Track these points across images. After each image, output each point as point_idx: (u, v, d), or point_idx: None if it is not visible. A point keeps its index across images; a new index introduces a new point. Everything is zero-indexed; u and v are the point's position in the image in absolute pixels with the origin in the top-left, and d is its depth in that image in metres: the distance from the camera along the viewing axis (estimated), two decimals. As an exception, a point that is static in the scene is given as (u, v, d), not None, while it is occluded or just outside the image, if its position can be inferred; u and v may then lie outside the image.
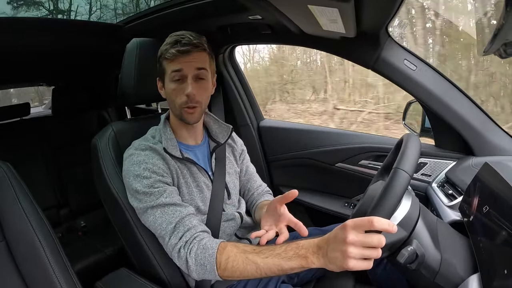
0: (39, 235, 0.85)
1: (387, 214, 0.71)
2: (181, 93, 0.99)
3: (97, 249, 1.92)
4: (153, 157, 0.97)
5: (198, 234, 0.87)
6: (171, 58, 0.97)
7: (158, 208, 0.91)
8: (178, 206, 0.92)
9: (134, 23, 1.50)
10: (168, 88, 1.00)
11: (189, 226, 0.88)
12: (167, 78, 1.00)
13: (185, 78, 0.98)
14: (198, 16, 1.29)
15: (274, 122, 1.93)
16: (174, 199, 0.93)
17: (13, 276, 0.82)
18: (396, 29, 4.22)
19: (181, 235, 0.87)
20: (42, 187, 2.15)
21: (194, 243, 0.85)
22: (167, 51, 0.97)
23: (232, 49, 1.77)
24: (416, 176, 1.31)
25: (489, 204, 0.73)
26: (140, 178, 0.94)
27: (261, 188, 1.28)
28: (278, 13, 1.01)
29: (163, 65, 1.00)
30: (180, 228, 0.88)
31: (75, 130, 2.38)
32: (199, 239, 0.86)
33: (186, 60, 0.97)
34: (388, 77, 1.22)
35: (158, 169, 0.95)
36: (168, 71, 0.99)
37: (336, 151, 1.57)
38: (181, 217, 0.89)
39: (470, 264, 0.74)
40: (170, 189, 0.94)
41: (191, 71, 0.98)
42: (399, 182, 0.72)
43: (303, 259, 0.73)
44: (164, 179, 0.95)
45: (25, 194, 0.89)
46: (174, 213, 0.90)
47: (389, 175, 0.75)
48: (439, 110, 1.17)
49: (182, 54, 0.96)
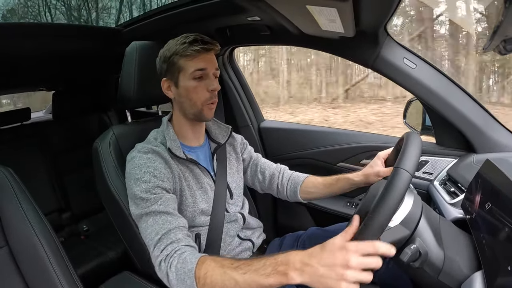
0: (42, 239, 0.85)
1: (389, 214, 0.71)
2: (203, 90, 1.01)
3: (100, 252, 1.91)
4: (155, 161, 0.97)
5: (180, 248, 0.84)
6: (193, 55, 0.98)
7: (151, 215, 0.89)
8: (170, 215, 0.90)
9: (133, 27, 1.50)
10: (188, 85, 1.00)
11: (173, 240, 0.85)
12: (186, 76, 1.00)
13: (206, 75, 1.01)
14: (197, 19, 1.29)
15: (274, 122, 1.93)
16: (168, 207, 0.91)
17: (16, 281, 0.82)
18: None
19: (163, 248, 0.84)
20: (43, 191, 2.15)
21: (175, 257, 0.82)
22: (187, 49, 0.97)
23: (232, 50, 1.77)
24: (417, 174, 1.31)
25: (492, 201, 0.73)
26: (139, 182, 0.93)
27: (283, 167, 1.28)
28: (276, 14, 1.01)
29: (179, 63, 1.00)
30: (163, 241, 0.85)
31: (76, 134, 2.38)
32: (180, 252, 0.83)
33: (208, 58, 1.00)
34: (388, 76, 1.22)
35: (159, 173, 0.95)
36: (189, 69, 0.99)
37: (337, 151, 1.56)
38: (169, 229, 0.87)
39: (474, 261, 0.74)
40: (167, 196, 0.93)
41: (213, 69, 1.02)
42: (400, 181, 0.72)
43: (283, 276, 0.67)
44: (164, 185, 0.95)
45: (27, 198, 0.89)
46: (163, 224, 0.87)
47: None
48: (440, 107, 1.17)
49: (206, 52, 0.99)
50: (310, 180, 1.21)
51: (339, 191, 1.15)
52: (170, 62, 1.01)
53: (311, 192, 1.19)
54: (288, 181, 1.23)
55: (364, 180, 1.07)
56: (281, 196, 1.26)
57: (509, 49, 0.51)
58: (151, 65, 1.08)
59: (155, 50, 1.07)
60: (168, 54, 1.01)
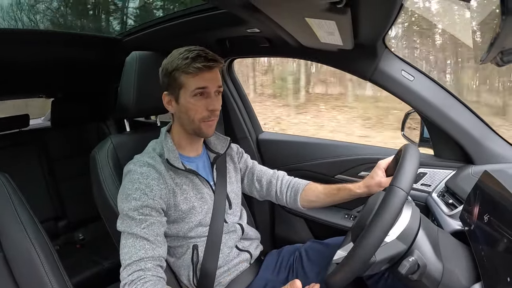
0: (37, 247, 0.84)
1: (383, 231, 0.71)
2: (202, 108, 0.99)
3: (95, 261, 1.89)
4: (148, 176, 0.96)
5: (145, 277, 0.85)
6: (194, 72, 0.96)
7: (132, 237, 0.89)
8: (149, 243, 0.89)
9: (133, 36, 1.52)
10: (187, 102, 0.99)
11: (142, 268, 0.86)
12: (187, 93, 0.99)
13: (207, 94, 0.99)
14: (196, 30, 1.31)
15: (273, 134, 1.93)
16: (150, 234, 0.90)
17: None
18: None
19: (131, 272, 0.85)
20: (40, 198, 2.14)
21: (138, 285, 0.83)
22: (189, 65, 0.96)
23: (231, 62, 1.78)
24: (415, 186, 1.30)
25: (490, 212, 0.73)
26: (129, 198, 0.93)
27: (281, 173, 1.28)
28: (276, 26, 1.02)
29: (180, 79, 0.98)
30: (133, 266, 0.86)
31: (74, 142, 2.38)
32: (143, 281, 0.84)
33: (210, 76, 0.99)
34: (386, 88, 1.22)
35: (150, 191, 0.94)
36: (190, 86, 0.98)
37: (335, 163, 1.56)
38: (142, 257, 0.87)
39: (473, 273, 0.74)
40: (152, 220, 0.92)
41: (215, 86, 1.00)
42: (396, 200, 0.73)
43: None
44: (153, 204, 0.94)
45: (23, 205, 0.89)
46: (139, 250, 0.88)
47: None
48: (437, 119, 1.18)
49: (207, 69, 0.97)
50: (310, 188, 1.20)
51: (340, 201, 1.15)
52: (171, 77, 1.00)
53: (311, 200, 1.19)
54: (288, 188, 1.23)
55: (367, 191, 1.07)
56: (281, 202, 1.26)
57: (506, 60, 0.52)
58: (151, 75, 1.09)
59: (155, 60, 1.08)
60: (170, 68, 0.99)
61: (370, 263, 0.73)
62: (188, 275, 1.05)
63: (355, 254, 0.72)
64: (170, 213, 1.00)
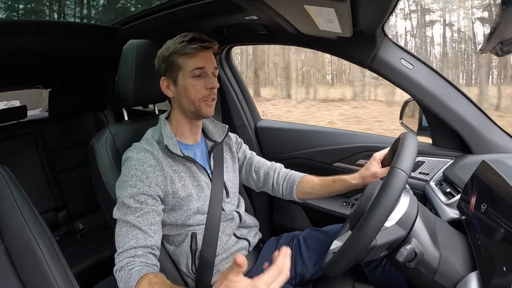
0: (38, 238, 0.85)
1: (385, 214, 0.71)
2: (201, 88, 1.01)
3: (96, 251, 1.91)
4: (145, 163, 0.97)
5: (134, 263, 0.86)
6: (192, 53, 0.99)
7: (126, 225, 0.91)
8: (142, 233, 0.91)
9: (130, 25, 1.50)
10: (186, 84, 1.01)
11: (132, 255, 0.88)
12: (185, 74, 1.01)
13: (205, 74, 1.01)
14: (194, 17, 1.29)
15: (271, 122, 1.93)
16: (144, 223, 0.91)
17: (12, 280, 0.82)
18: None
19: (122, 259, 0.88)
20: (39, 190, 2.14)
21: (126, 271, 0.85)
22: (186, 47, 0.98)
23: (229, 50, 1.77)
24: (413, 174, 1.31)
25: (487, 201, 0.74)
26: (126, 185, 0.94)
27: (278, 165, 1.29)
28: (274, 13, 1.01)
29: (178, 62, 1.00)
30: (124, 254, 0.88)
31: (72, 132, 2.37)
32: (131, 267, 0.85)
33: (207, 56, 1.01)
34: (384, 76, 1.22)
35: (146, 178, 0.95)
36: (189, 67, 1.00)
37: (334, 150, 1.57)
38: (133, 246, 0.89)
39: (469, 262, 0.75)
40: (147, 209, 0.93)
41: (211, 67, 1.03)
42: (397, 181, 0.73)
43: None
44: (149, 191, 0.95)
45: (23, 197, 0.89)
46: (132, 239, 0.89)
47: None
48: (436, 108, 1.18)
49: (204, 50, 1.00)
50: (306, 180, 1.21)
51: (336, 192, 1.16)
52: (169, 61, 1.01)
53: (307, 192, 1.20)
54: (284, 180, 1.24)
55: (362, 182, 1.08)
56: (277, 194, 1.27)
57: (506, 50, 0.52)
58: (148, 64, 1.08)
59: (153, 48, 1.07)
60: (166, 53, 1.01)
61: (371, 246, 0.74)
62: (187, 263, 1.06)
63: (357, 236, 0.72)
64: (167, 201, 1.01)
